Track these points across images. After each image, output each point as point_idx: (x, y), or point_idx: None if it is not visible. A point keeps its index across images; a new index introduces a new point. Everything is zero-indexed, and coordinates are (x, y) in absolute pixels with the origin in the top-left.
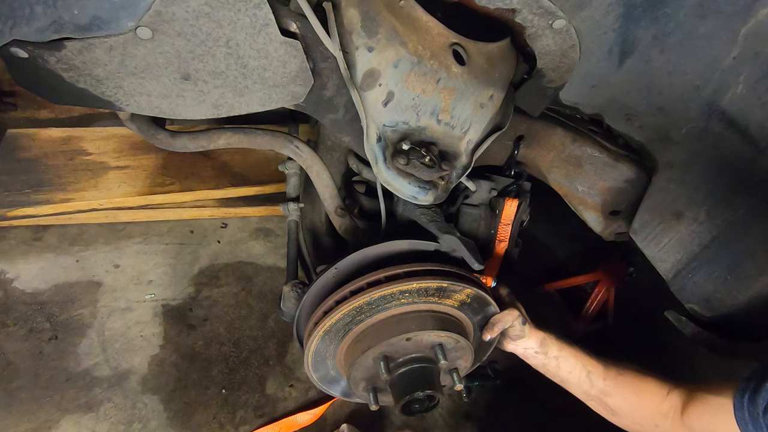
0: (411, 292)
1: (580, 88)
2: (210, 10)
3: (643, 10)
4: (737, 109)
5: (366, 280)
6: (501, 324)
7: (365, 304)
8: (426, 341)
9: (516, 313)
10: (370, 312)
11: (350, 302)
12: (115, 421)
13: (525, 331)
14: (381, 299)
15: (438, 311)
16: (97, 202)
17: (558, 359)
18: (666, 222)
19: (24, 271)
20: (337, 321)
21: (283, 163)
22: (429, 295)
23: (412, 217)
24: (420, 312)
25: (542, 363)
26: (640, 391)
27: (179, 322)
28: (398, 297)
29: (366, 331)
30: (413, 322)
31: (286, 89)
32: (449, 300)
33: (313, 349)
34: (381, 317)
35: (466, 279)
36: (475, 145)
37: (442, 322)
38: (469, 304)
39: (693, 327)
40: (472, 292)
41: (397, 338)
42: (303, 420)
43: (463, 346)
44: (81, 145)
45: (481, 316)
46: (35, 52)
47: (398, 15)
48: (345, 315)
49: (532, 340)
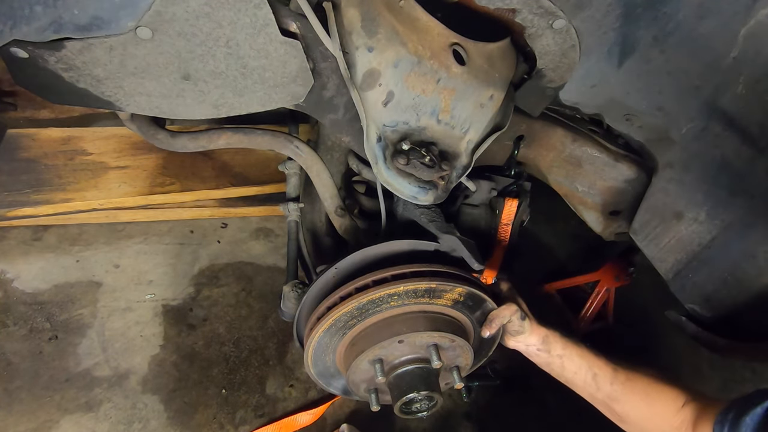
0: (400, 294)
1: (580, 88)
2: (210, 10)
3: (643, 10)
4: (737, 109)
5: (354, 285)
6: (499, 319)
7: (355, 308)
8: (419, 342)
9: (514, 307)
10: (361, 316)
11: (339, 308)
12: (115, 421)
13: (525, 327)
14: (370, 303)
15: (430, 311)
16: (97, 202)
17: (562, 358)
18: (666, 222)
19: (24, 271)
20: (330, 327)
21: (283, 163)
22: (419, 296)
23: (412, 217)
24: (411, 313)
25: (546, 361)
26: (651, 401)
27: (179, 322)
28: (387, 300)
29: (359, 334)
30: (404, 324)
31: (286, 89)
32: (441, 300)
33: (311, 355)
34: (373, 320)
35: (457, 277)
36: (475, 145)
37: (435, 322)
38: (463, 302)
39: (693, 327)
40: (464, 290)
41: (388, 341)
42: (303, 420)
43: (459, 344)
44: (81, 145)
45: (479, 312)
46: (35, 52)
47: (398, 15)
48: (336, 321)
49: (534, 337)
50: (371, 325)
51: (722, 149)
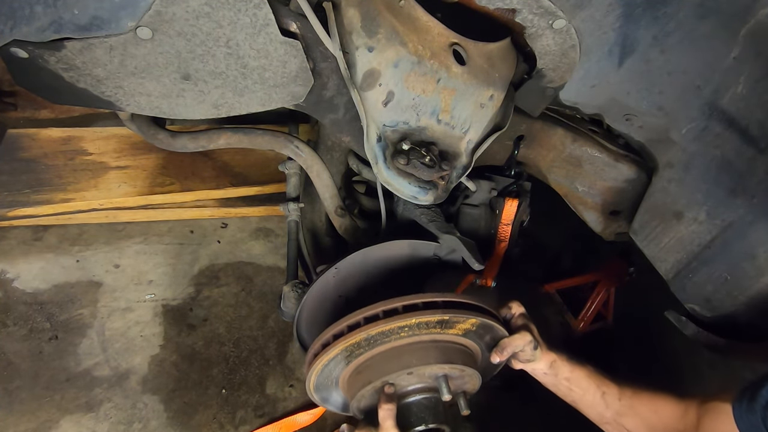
0: (411, 326)
1: (580, 88)
2: (210, 10)
3: (643, 10)
4: (737, 109)
5: (363, 315)
6: (511, 348)
7: (363, 339)
8: (429, 373)
9: (528, 337)
10: (369, 346)
11: (346, 338)
12: (115, 421)
13: (536, 355)
14: (380, 335)
15: (441, 340)
16: (97, 202)
17: (569, 381)
18: (666, 222)
19: (24, 271)
20: (334, 356)
21: (283, 163)
22: (431, 327)
23: (412, 217)
24: (422, 343)
25: (552, 383)
26: (657, 410)
27: (179, 322)
28: (397, 332)
29: (366, 362)
30: (414, 355)
31: (286, 89)
32: (452, 330)
33: (314, 380)
34: (381, 350)
35: (470, 307)
36: (475, 145)
37: (446, 353)
38: (474, 332)
39: (693, 327)
40: (477, 321)
41: (397, 373)
42: (303, 420)
43: (469, 373)
44: (81, 145)
45: (489, 336)
46: (35, 52)
47: (398, 15)
48: (342, 351)
49: (542, 363)
50: (379, 354)
51: (722, 149)
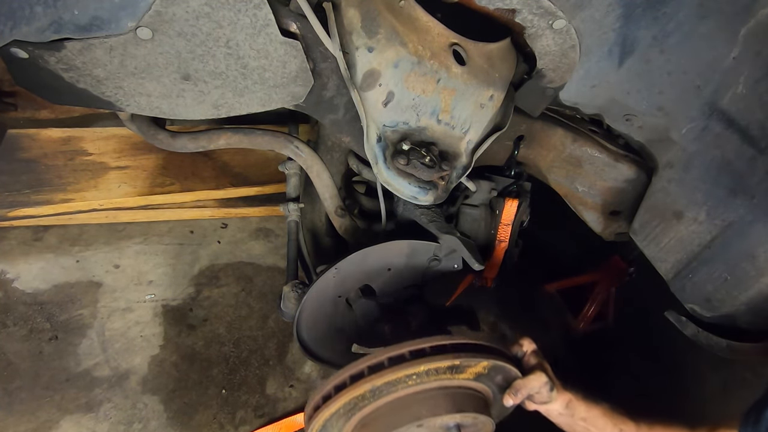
0: (419, 374)
1: (580, 88)
2: (210, 10)
3: (643, 10)
4: (737, 109)
5: (366, 364)
6: (526, 390)
7: (368, 391)
8: (440, 423)
9: (544, 378)
10: (374, 397)
11: (349, 391)
12: (115, 421)
13: (552, 397)
14: (385, 385)
15: (451, 386)
16: (97, 203)
17: (586, 420)
18: (666, 222)
19: (24, 272)
20: (336, 411)
21: (283, 163)
22: (440, 374)
23: (412, 217)
24: (431, 391)
25: (567, 423)
26: None
27: (179, 322)
28: (405, 380)
29: (371, 414)
30: (423, 405)
31: (286, 89)
32: (463, 374)
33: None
34: (387, 400)
35: (481, 349)
36: (475, 145)
37: (457, 401)
38: (486, 375)
39: (693, 327)
40: (489, 364)
41: (406, 427)
42: (303, 420)
43: (482, 420)
44: (81, 146)
45: (501, 376)
46: (35, 52)
47: (398, 15)
48: (345, 404)
49: (557, 403)
50: (385, 404)
51: (722, 149)
